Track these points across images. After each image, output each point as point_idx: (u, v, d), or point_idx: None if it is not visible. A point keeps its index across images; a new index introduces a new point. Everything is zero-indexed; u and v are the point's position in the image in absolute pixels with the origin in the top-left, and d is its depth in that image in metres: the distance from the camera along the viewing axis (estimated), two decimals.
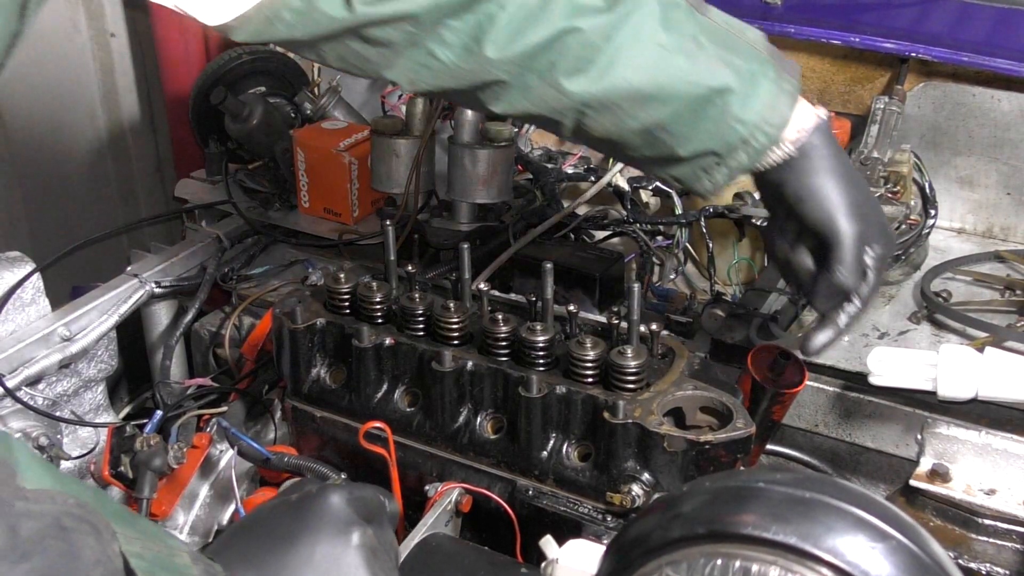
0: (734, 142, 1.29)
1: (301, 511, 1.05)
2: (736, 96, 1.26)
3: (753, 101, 1.27)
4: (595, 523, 1.41)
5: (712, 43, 1.27)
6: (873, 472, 1.63)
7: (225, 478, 1.63)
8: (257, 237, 2.18)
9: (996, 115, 1.88)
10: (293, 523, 1.04)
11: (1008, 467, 1.44)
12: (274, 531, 1.03)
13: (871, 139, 1.78)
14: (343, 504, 1.05)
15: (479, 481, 1.49)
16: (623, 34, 1.24)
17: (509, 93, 1.29)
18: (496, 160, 1.94)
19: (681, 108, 1.27)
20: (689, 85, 1.26)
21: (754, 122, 1.28)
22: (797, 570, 0.88)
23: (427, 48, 1.26)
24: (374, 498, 1.10)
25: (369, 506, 1.08)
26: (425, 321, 1.55)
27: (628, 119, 1.29)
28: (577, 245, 1.95)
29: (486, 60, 1.25)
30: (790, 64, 1.34)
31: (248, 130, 2.24)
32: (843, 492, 0.91)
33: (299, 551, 1.00)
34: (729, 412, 1.38)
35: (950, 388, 1.44)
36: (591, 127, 1.31)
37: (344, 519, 1.04)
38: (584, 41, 1.24)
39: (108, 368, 2.00)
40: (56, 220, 2.90)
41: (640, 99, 1.27)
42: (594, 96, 1.27)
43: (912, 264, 1.86)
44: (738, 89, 1.26)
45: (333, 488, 1.08)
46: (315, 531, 1.02)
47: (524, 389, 1.42)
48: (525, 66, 1.26)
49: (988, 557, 1.42)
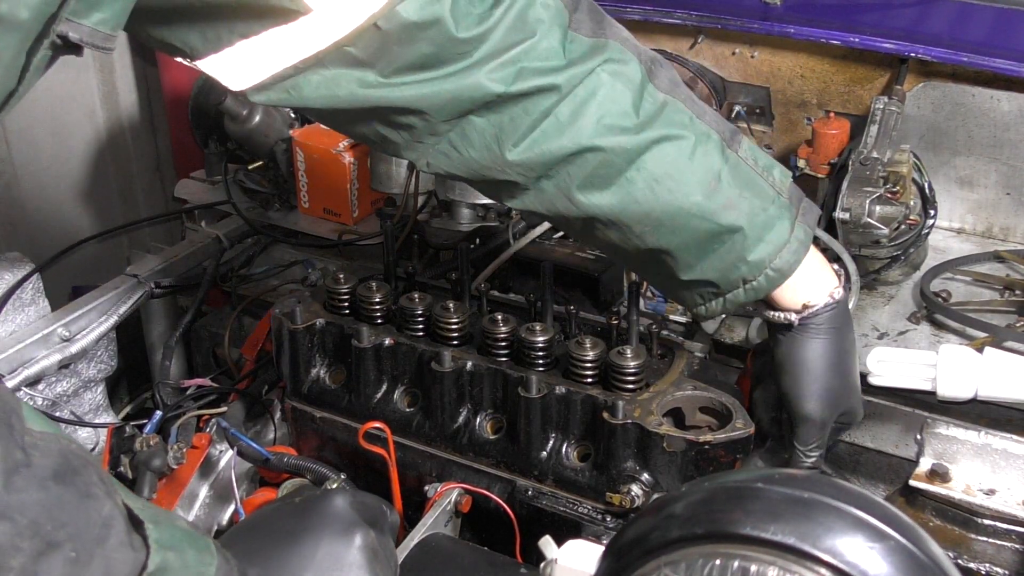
0: (735, 279, 1.30)
1: (305, 511, 1.06)
2: (747, 238, 1.27)
3: (762, 245, 1.27)
4: (594, 523, 1.41)
5: (734, 182, 1.26)
6: (873, 472, 1.63)
7: (225, 478, 1.63)
8: (257, 237, 2.18)
9: (996, 115, 1.88)
10: (297, 522, 1.05)
11: (1007, 467, 1.44)
12: (278, 529, 1.05)
13: (870, 139, 1.78)
14: (347, 506, 1.07)
15: (479, 481, 1.49)
16: (645, 160, 1.24)
17: (524, 194, 1.29)
18: None
19: (689, 240, 1.28)
20: (702, 221, 1.26)
21: (758, 264, 1.28)
22: (796, 570, 0.88)
23: (448, 139, 1.26)
24: (377, 505, 1.12)
25: (372, 511, 1.09)
26: (425, 321, 1.55)
27: (635, 238, 1.29)
28: (577, 245, 1.95)
29: (504, 161, 1.25)
30: (811, 208, 1.34)
31: (248, 130, 2.24)
32: (841, 492, 0.91)
33: (302, 548, 1.01)
34: (728, 412, 1.38)
35: (949, 388, 1.44)
36: (598, 236, 1.32)
37: (348, 520, 1.05)
38: (604, 160, 1.24)
39: (108, 368, 2.00)
40: (56, 220, 2.90)
41: (650, 224, 1.27)
42: (604, 213, 1.27)
43: (912, 264, 1.86)
44: (750, 232, 1.26)
45: (337, 491, 1.09)
46: (319, 530, 1.03)
47: (523, 389, 1.42)
48: (542, 173, 1.26)
49: (987, 557, 1.42)
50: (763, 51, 2.04)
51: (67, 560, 0.81)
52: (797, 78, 2.03)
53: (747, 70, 2.07)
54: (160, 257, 2.10)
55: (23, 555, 0.78)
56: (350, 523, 1.05)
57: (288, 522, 1.06)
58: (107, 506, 0.85)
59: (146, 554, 0.87)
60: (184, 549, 0.91)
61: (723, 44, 2.08)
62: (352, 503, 1.08)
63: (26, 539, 0.78)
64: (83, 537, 0.82)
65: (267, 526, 1.07)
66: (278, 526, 1.06)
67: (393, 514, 1.15)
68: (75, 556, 0.81)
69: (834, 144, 1.88)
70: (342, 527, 1.05)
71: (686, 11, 2.06)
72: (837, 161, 1.85)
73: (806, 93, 2.04)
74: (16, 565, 0.77)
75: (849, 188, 1.72)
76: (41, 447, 0.83)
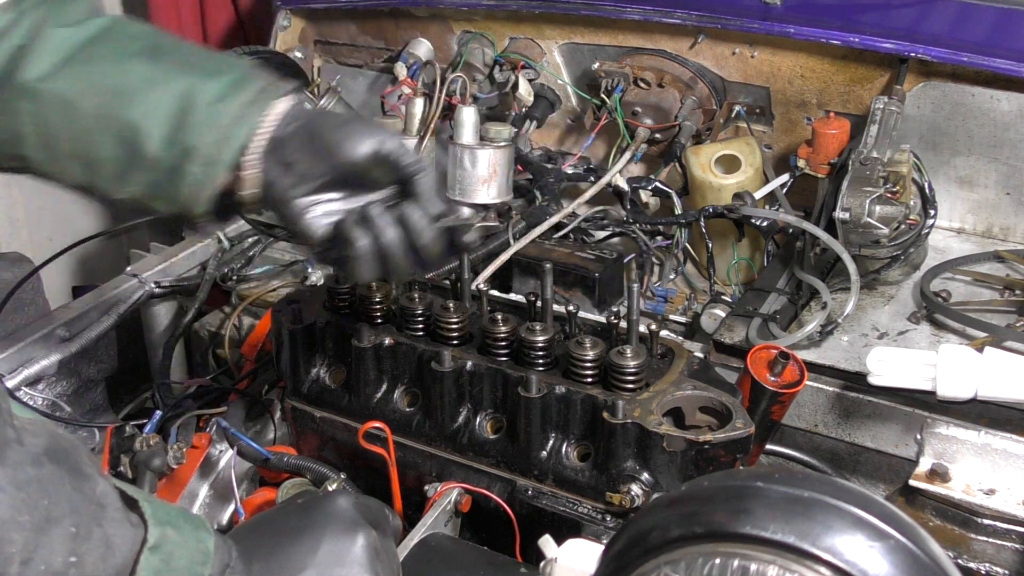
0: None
1: (309, 510, 1.07)
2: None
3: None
4: (594, 523, 1.41)
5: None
6: (872, 472, 1.63)
7: (225, 478, 1.63)
8: (257, 237, 2.18)
9: (996, 115, 1.88)
10: (300, 520, 1.06)
11: (1007, 467, 1.44)
12: (281, 527, 1.06)
13: (871, 139, 1.78)
14: (350, 506, 1.07)
15: (478, 481, 1.49)
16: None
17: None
18: (496, 160, 1.94)
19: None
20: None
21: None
22: (795, 569, 0.88)
23: None
24: (380, 508, 1.12)
25: (374, 513, 1.10)
26: (425, 321, 1.55)
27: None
28: (577, 245, 1.95)
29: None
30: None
31: None
32: (841, 491, 0.91)
33: (305, 545, 1.02)
34: (728, 412, 1.38)
35: (949, 388, 1.44)
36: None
37: (350, 519, 1.06)
38: None
39: (108, 368, 2.00)
40: (56, 220, 2.90)
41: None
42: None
43: (912, 264, 1.86)
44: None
45: (341, 492, 1.10)
46: (322, 527, 1.04)
47: (523, 389, 1.42)
48: None
49: (987, 557, 1.41)
50: (763, 51, 2.04)
51: (68, 535, 0.81)
52: (797, 78, 2.03)
53: (747, 70, 2.07)
54: (160, 257, 2.10)
55: (24, 529, 0.78)
56: (353, 522, 1.06)
57: (291, 520, 1.07)
58: (101, 484, 0.86)
59: (144, 530, 0.88)
60: (181, 525, 0.92)
61: (723, 44, 2.08)
62: (355, 504, 1.09)
63: (25, 513, 0.78)
64: (81, 512, 0.82)
65: (270, 524, 1.08)
66: (281, 524, 1.07)
67: (395, 519, 1.16)
68: (75, 531, 0.81)
69: (834, 144, 1.88)
70: (345, 525, 1.05)
71: (686, 11, 2.06)
72: (837, 161, 1.86)
73: (806, 93, 2.04)
74: (19, 540, 0.78)
75: (849, 188, 1.72)
76: (30, 430, 0.84)
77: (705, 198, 1.99)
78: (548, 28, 2.23)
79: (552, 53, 2.25)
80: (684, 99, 2.09)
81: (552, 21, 2.22)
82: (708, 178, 1.98)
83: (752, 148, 2.02)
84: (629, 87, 2.10)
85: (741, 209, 1.88)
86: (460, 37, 2.34)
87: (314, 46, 2.56)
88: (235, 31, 3.18)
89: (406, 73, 2.25)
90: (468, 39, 2.29)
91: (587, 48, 2.23)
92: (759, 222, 1.88)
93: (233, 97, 1.22)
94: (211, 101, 1.21)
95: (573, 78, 2.27)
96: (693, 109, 2.09)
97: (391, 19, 2.42)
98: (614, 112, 2.08)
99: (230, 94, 1.22)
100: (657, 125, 2.09)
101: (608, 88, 2.11)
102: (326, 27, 2.53)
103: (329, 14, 2.51)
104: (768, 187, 1.97)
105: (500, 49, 2.28)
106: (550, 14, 2.21)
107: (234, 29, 3.18)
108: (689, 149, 2.04)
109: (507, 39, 2.28)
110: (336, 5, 2.48)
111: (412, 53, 2.33)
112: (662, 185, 2.05)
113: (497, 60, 2.24)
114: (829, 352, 1.65)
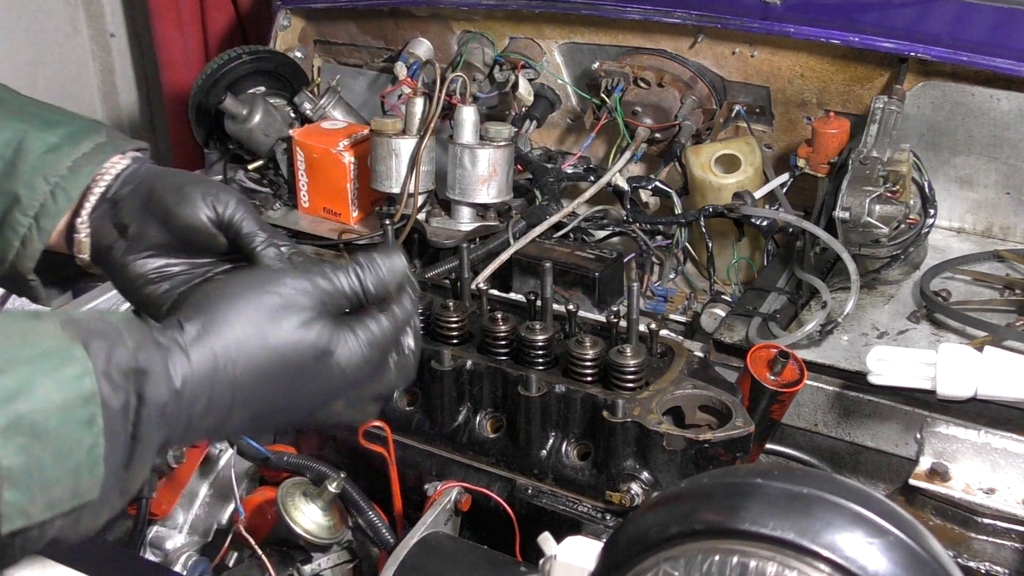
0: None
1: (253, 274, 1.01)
2: None
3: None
4: (594, 522, 1.41)
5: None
6: (872, 471, 1.63)
7: (224, 477, 1.63)
8: None
9: (995, 115, 1.88)
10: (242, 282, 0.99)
11: (1007, 466, 1.44)
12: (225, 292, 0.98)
13: (870, 139, 1.78)
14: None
15: (478, 480, 1.49)
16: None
17: None
18: (496, 160, 1.94)
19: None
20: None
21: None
22: (795, 566, 0.88)
23: None
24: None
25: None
26: (424, 320, 1.55)
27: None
28: (577, 245, 1.95)
29: None
30: None
31: (248, 130, 2.24)
32: (840, 488, 0.91)
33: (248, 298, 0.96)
34: (728, 411, 1.38)
35: (949, 387, 1.44)
36: None
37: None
38: None
39: None
40: None
41: None
42: None
43: (911, 263, 1.86)
44: None
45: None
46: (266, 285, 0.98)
47: (523, 388, 1.43)
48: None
49: (987, 556, 1.41)
50: (763, 50, 2.04)
51: None
52: (797, 77, 2.03)
53: (747, 69, 2.08)
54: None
55: None
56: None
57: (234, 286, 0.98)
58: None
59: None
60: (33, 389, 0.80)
61: (723, 43, 2.08)
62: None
63: None
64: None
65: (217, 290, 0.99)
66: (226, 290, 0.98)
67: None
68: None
69: (834, 143, 1.88)
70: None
71: (686, 11, 2.06)
72: (837, 160, 1.86)
73: (806, 92, 2.04)
74: None
75: (849, 187, 1.72)
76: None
77: (705, 198, 1.99)
78: (548, 28, 2.24)
79: (552, 53, 2.25)
80: (684, 99, 2.10)
81: (552, 21, 2.23)
82: (708, 178, 1.99)
83: (752, 148, 2.02)
84: (629, 87, 2.11)
85: (741, 209, 1.88)
86: (460, 37, 2.34)
87: (314, 46, 2.56)
88: (235, 31, 3.19)
89: (406, 73, 2.25)
90: (468, 39, 2.29)
91: (587, 48, 2.23)
92: (759, 221, 1.88)
93: (68, 149, 1.14)
94: (44, 151, 1.13)
95: (573, 78, 2.27)
96: (693, 109, 2.09)
97: (391, 19, 2.42)
98: (614, 112, 2.08)
99: (64, 145, 1.14)
100: (657, 125, 2.09)
101: (608, 88, 2.11)
102: (326, 27, 2.53)
103: (329, 14, 2.51)
104: (768, 187, 1.97)
105: (500, 49, 2.28)
106: (550, 14, 2.21)
107: (234, 29, 3.19)
108: (689, 149, 2.04)
109: (507, 39, 2.28)
110: (336, 5, 2.48)
111: (412, 53, 2.33)
112: (662, 185, 2.05)
113: (497, 60, 2.24)
114: (829, 351, 1.65)
